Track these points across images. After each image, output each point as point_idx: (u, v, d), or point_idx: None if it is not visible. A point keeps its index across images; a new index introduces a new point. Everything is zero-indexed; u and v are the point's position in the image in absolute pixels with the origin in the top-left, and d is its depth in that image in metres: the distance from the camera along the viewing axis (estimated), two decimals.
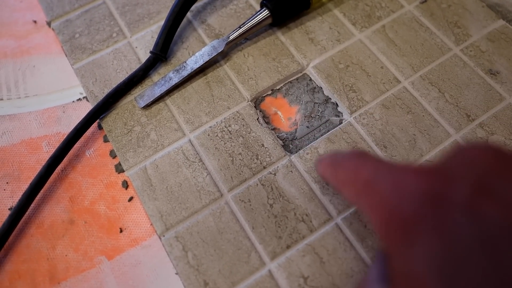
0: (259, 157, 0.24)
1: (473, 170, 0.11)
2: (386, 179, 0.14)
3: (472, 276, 0.10)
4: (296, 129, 0.26)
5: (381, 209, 0.13)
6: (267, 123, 0.26)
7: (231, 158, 0.25)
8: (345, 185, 0.16)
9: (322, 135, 0.25)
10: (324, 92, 0.27)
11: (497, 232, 0.10)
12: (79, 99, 0.28)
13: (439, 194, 0.11)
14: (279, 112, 0.27)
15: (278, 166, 0.24)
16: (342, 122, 0.26)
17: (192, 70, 0.27)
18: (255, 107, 0.27)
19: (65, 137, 0.25)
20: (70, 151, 0.25)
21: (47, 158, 0.24)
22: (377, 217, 0.14)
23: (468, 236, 0.10)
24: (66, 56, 0.29)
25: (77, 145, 0.26)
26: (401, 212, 0.12)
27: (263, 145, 0.25)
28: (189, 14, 0.30)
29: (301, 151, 0.25)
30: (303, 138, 0.25)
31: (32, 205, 0.24)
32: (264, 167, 0.24)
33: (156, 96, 0.26)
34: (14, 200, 0.24)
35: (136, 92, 0.27)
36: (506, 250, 0.10)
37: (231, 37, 0.27)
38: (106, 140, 0.26)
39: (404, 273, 0.12)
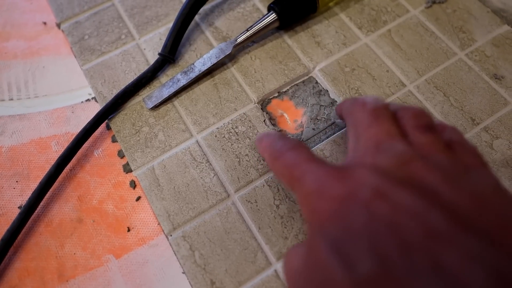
0: None
1: (376, 177, 0.16)
2: (312, 178, 0.17)
3: (355, 252, 0.14)
4: (302, 131, 0.26)
5: (306, 204, 0.17)
6: (274, 125, 0.26)
7: (238, 159, 0.25)
8: (281, 176, 0.19)
9: (328, 137, 0.26)
10: (330, 95, 0.27)
11: (379, 223, 0.14)
12: (88, 100, 0.28)
13: (348, 196, 0.15)
14: (285, 114, 0.27)
15: None
16: None
17: (200, 72, 0.27)
18: (261, 109, 0.27)
19: (74, 137, 0.25)
20: (78, 151, 0.25)
21: (56, 158, 0.24)
22: (304, 208, 0.17)
23: (359, 224, 0.14)
24: (75, 57, 0.29)
25: (85, 145, 0.26)
26: (319, 207, 0.16)
27: None
28: (197, 17, 0.31)
29: None
30: (309, 140, 0.26)
31: (41, 203, 0.24)
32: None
33: (164, 97, 0.27)
34: (23, 198, 0.24)
35: (144, 93, 0.27)
36: (382, 236, 0.14)
37: (239, 40, 0.27)
38: (114, 140, 0.26)
39: (312, 251, 0.15)
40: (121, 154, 0.26)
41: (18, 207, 0.24)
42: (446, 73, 0.27)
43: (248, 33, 0.28)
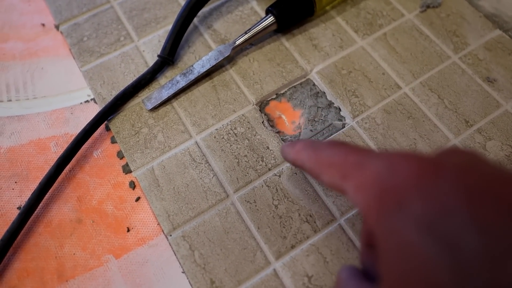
0: (264, 159, 0.25)
1: (458, 158, 0.14)
2: (378, 160, 0.15)
3: (453, 229, 0.11)
4: (300, 133, 0.27)
5: (374, 184, 0.14)
6: (272, 126, 0.27)
7: (237, 160, 0.25)
8: (329, 167, 0.17)
9: (325, 138, 0.26)
10: (327, 97, 0.28)
11: (477, 194, 0.12)
12: (87, 101, 0.28)
13: (430, 172, 0.13)
14: (283, 116, 0.27)
15: (282, 168, 0.25)
16: (344, 126, 0.26)
17: (199, 74, 0.27)
18: (260, 110, 0.27)
19: (73, 138, 0.25)
20: (78, 152, 0.25)
21: (55, 159, 0.25)
22: (367, 192, 0.14)
23: (452, 199, 0.12)
24: (74, 58, 0.30)
25: (85, 146, 0.26)
26: (394, 184, 0.13)
27: (268, 147, 0.26)
28: (195, 20, 0.31)
29: None
30: None
31: (41, 204, 0.24)
32: (269, 169, 0.25)
33: (163, 98, 0.27)
34: (22, 199, 0.25)
35: (144, 94, 0.28)
36: (484, 207, 0.12)
37: (237, 42, 0.28)
38: (113, 141, 0.26)
39: (391, 234, 0.13)
40: (120, 155, 0.26)
41: (17, 208, 0.24)
42: (440, 76, 0.28)
43: (246, 36, 0.28)
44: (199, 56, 0.29)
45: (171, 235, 0.23)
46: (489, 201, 0.12)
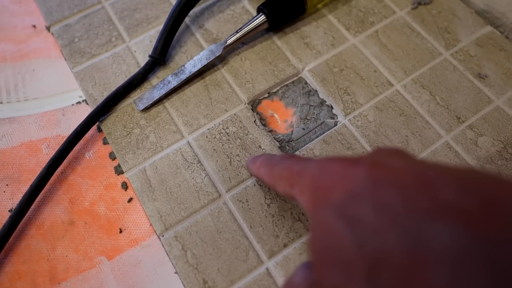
0: None
1: (375, 156, 0.16)
2: (314, 166, 0.17)
3: (359, 211, 0.14)
4: (292, 131, 0.27)
5: (309, 186, 0.17)
6: (264, 125, 0.27)
7: (229, 159, 0.25)
8: (280, 179, 0.19)
9: (317, 136, 0.26)
10: (319, 95, 0.28)
11: (380, 184, 0.14)
12: (79, 102, 0.28)
13: (349, 170, 0.16)
14: (275, 115, 0.27)
15: None
16: (337, 124, 0.26)
17: (191, 74, 0.27)
18: (252, 109, 0.27)
19: (65, 139, 0.25)
20: (70, 153, 0.25)
21: (47, 160, 0.24)
22: (306, 194, 0.17)
23: (360, 188, 0.15)
24: (66, 60, 0.29)
25: (76, 147, 0.26)
26: (323, 183, 0.16)
27: (260, 146, 0.25)
28: (187, 19, 0.31)
29: (297, 153, 0.25)
30: (299, 140, 0.26)
31: (32, 206, 0.24)
32: None
33: (155, 99, 0.27)
34: (14, 202, 0.24)
35: (135, 95, 0.28)
36: (383, 192, 0.14)
37: (229, 42, 0.28)
38: (105, 142, 0.26)
39: (318, 224, 0.15)
40: (112, 156, 0.26)
41: (9, 211, 0.24)
42: (432, 72, 0.28)
43: (238, 35, 0.28)
44: (191, 56, 0.29)
45: (163, 236, 0.23)
46: (387, 188, 0.14)
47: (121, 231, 0.24)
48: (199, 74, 0.28)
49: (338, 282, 0.14)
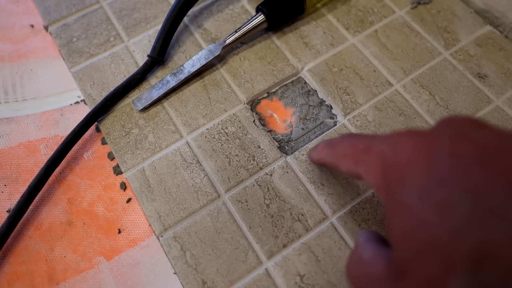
0: (256, 158, 0.25)
1: (453, 127, 0.15)
2: (381, 142, 0.16)
3: (449, 196, 0.13)
4: (291, 131, 0.26)
5: (379, 164, 0.16)
6: (263, 125, 0.27)
7: (228, 160, 0.25)
8: (344, 157, 0.19)
9: (316, 136, 0.26)
10: (319, 95, 0.28)
11: (469, 163, 0.13)
12: (77, 102, 0.28)
13: (427, 146, 0.14)
14: (274, 115, 0.27)
15: (274, 167, 0.25)
16: (336, 124, 0.26)
17: (189, 74, 0.27)
18: (251, 109, 0.27)
19: (63, 139, 0.25)
20: (68, 154, 0.25)
21: (45, 161, 0.24)
22: (375, 172, 0.16)
23: (447, 169, 0.14)
24: (64, 60, 0.29)
25: (75, 147, 0.26)
26: (396, 161, 0.15)
27: (259, 146, 0.25)
28: (185, 19, 0.31)
29: (296, 153, 0.25)
30: (298, 140, 0.26)
31: (31, 207, 0.24)
32: (261, 168, 0.25)
33: (153, 99, 0.27)
34: (12, 202, 0.24)
35: (134, 95, 0.27)
36: (475, 174, 0.13)
37: (228, 41, 0.28)
38: (104, 142, 0.26)
39: (397, 205, 0.15)
40: (111, 156, 0.26)
41: (7, 211, 0.24)
42: (431, 72, 0.28)
43: (237, 35, 0.28)
44: (190, 56, 0.29)
45: (162, 236, 0.23)
46: (478, 168, 0.13)
47: (119, 232, 0.23)
48: (198, 74, 0.28)
49: (433, 273, 0.13)
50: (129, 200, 0.24)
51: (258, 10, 0.28)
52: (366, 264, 0.17)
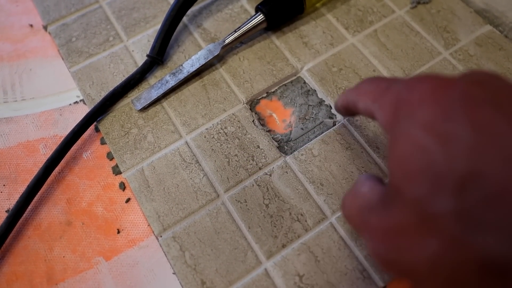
0: (255, 158, 0.25)
1: (472, 75, 0.15)
2: (401, 83, 0.17)
3: (453, 128, 0.14)
4: (290, 131, 0.26)
5: (393, 102, 0.16)
6: (263, 125, 0.27)
7: (227, 160, 0.25)
8: (365, 94, 0.19)
9: (316, 136, 0.26)
10: (318, 95, 0.28)
11: (479, 102, 0.14)
12: (76, 102, 0.28)
13: (442, 87, 0.15)
14: (274, 114, 0.27)
15: (273, 167, 0.25)
16: (335, 124, 0.26)
17: (189, 73, 0.27)
18: (250, 109, 0.27)
19: (62, 139, 0.25)
20: (67, 153, 0.25)
21: (44, 161, 0.24)
22: (388, 109, 0.17)
23: (456, 106, 0.14)
24: (63, 59, 0.29)
25: (74, 147, 0.26)
26: (409, 99, 0.16)
27: (258, 146, 0.25)
28: (185, 19, 0.31)
29: (295, 152, 0.25)
30: (297, 140, 0.26)
31: (30, 207, 0.24)
32: (260, 168, 0.25)
33: (153, 98, 0.27)
34: (11, 202, 0.24)
35: (133, 95, 0.27)
36: (483, 112, 0.14)
37: (227, 41, 0.28)
38: (103, 142, 0.26)
39: (400, 135, 0.15)
40: (110, 156, 0.26)
41: (6, 211, 0.24)
42: (431, 72, 0.28)
43: (236, 34, 0.28)
44: (189, 55, 0.29)
45: (161, 236, 0.23)
46: (487, 107, 0.13)
47: (119, 232, 0.23)
48: (197, 73, 0.28)
49: (421, 193, 0.14)
50: (128, 200, 0.24)
51: (257, 9, 0.28)
52: (362, 196, 0.17)
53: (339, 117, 0.27)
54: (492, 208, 0.12)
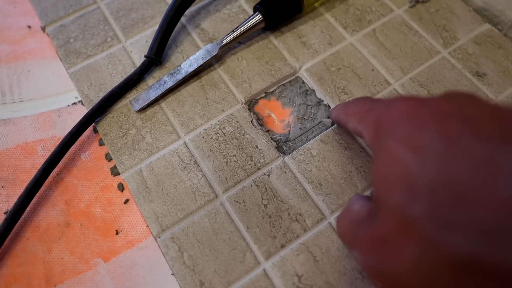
0: (253, 159, 0.25)
1: (446, 95, 0.17)
2: (381, 104, 0.19)
3: (424, 139, 0.15)
4: (289, 131, 0.26)
5: (375, 122, 0.18)
6: (261, 125, 0.27)
7: (226, 160, 0.25)
8: (353, 115, 0.21)
9: (314, 136, 0.26)
10: (317, 95, 0.27)
11: (448, 116, 0.15)
12: (74, 103, 0.28)
13: (416, 106, 0.16)
14: (272, 114, 0.27)
15: (272, 167, 0.25)
16: (334, 124, 0.26)
17: (187, 74, 0.27)
18: (249, 109, 0.27)
19: (60, 140, 0.25)
20: (65, 155, 0.25)
21: (43, 162, 0.24)
22: (371, 128, 0.18)
23: (428, 121, 0.15)
24: (61, 60, 0.29)
25: (72, 148, 0.26)
26: (388, 118, 0.17)
27: (257, 146, 0.25)
28: (183, 19, 0.31)
29: (294, 152, 0.25)
30: (296, 140, 0.26)
31: (28, 208, 0.24)
32: (258, 168, 0.25)
33: (151, 99, 0.27)
34: (9, 204, 0.24)
35: (131, 95, 0.27)
36: (451, 124, 0.15)
37: (225, 41, 0.28)
38: (101, 143, 0.26)
39: (380, 151, 0.16)
40: (108, 157, 0.26)
41: (4, 213, 0.24)
42: (430, 71, 0.28)
43: (234, 34, 0.28)
44: (187, 56, 0.29)
45: (160, 237, 0.23)
46: (456, 120, 0.15)
47: (117, 233, 0.23)
48: (196, 74, 0.28)
49: (398, 200, 0.15)
50: (126, 201, 0.24)
51: (255, 9, 0.28)
52: (353, 213, 0.19)
53: None
54: (460, 209, 0.13)
